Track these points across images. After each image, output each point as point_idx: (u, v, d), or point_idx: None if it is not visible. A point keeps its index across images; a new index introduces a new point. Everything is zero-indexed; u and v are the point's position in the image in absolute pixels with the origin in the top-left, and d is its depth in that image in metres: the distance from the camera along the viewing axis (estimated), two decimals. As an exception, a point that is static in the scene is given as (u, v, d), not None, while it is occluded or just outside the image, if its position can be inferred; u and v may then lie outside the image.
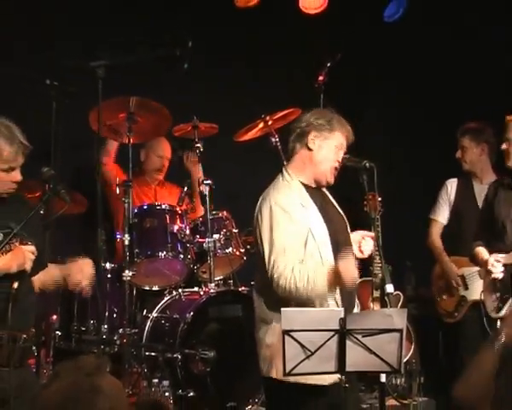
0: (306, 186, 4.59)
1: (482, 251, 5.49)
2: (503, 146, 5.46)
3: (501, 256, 5.38)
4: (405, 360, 4.15)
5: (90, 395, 2.56)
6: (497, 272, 5.36)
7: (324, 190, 4.71)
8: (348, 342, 4.06)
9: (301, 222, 4.44)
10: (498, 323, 5.49)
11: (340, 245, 4.47)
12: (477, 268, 6.08)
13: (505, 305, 5.49)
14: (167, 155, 6.99)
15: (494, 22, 7.31)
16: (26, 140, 4.32)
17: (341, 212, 4.75)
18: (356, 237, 4.67)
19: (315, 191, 4.62)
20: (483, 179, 6.36)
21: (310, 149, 4.57)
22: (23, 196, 4.63)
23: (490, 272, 5.41)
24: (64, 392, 2.59)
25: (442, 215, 6.47)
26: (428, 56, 7.80)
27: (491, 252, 5.44)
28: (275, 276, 4.37)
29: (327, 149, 4.57)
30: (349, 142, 4.61)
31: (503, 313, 5.49)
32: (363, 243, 4.63)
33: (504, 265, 5.37)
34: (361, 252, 4.64)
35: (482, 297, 5.74)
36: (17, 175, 4.27)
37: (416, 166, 7.36)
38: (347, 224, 4.72)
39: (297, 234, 4.42)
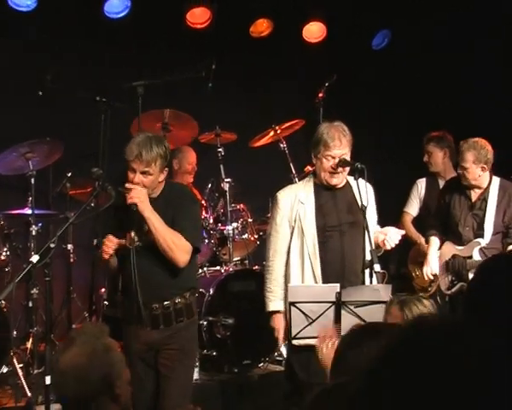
0: (320, 186, 4.62)
1: (433, 244, 5.60)
2: (459, 171, 5.45)
3: (455, 248, 5.45)
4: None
5: (105, 353, 2.61)
6: (428, 274, 5.59)
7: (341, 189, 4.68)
8: (343, 312, 4.08)
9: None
10: (447, 298, 5.58)
11: (325, 233, 4.53)
12: None
13: (455, 286, 5.48)
14: (195, 162, 6.96)
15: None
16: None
17: (355, 207, 4.64)
18: (387, 230, 4.67)
19: (325, 190, 4.64)
20: (446, 177, 6.33)
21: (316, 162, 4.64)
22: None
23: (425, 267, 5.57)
24: (85, 354, 2.59)
25: (413, 209, 6.48)
26: (405, 78, 7.77)
27: (445, 240, 5.55)
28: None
29: (320, 162, 4.59)
30: (338, 146, 4.58)
31: (453, 290, 5.50)
32: (391, 237, 4.62)
33: (455, 256, 5.44)
34: (383, 244, 4.63)
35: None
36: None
37: (395, 167, 7.36)
38: (353, 220, 4.64)
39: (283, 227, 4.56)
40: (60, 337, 6.07)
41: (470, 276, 5.25)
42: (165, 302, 4.33)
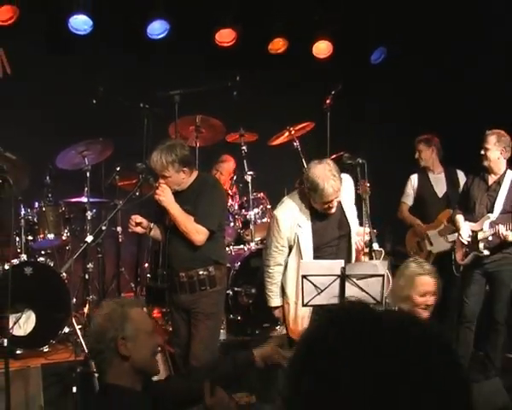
0: (315, 210, 4.45)
1: (460, 219, 5.48)
2: (482, 151, 5.37)
3: (470, 225, 5.37)
4: (386, 295, 4.08)
5: (119, 319, 2.62)
6: (465, 238, 5.37)
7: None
8: (347, 284, 4.05)
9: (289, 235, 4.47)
10: (461, 268, 5.52)
11: (320, 250, 4.48)
12: (437, 229, 6.16)
13: (468, 256, 5.43)
14: (230, 171, 6.89)
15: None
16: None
17: (343, 221, 4.58)
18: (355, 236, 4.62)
19: (320, 214, 4.47)
20: (435, 171, 6.38)
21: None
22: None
23: (461, 239, 5.41)
24: (104, 316, 2.65)
25: (408, 199, 6.46)
26: (399, 88, 7.71)
27: (465, 219, 5.46)
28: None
29: (317, 204, 4.41)
30: (334, 196, 4.32)
31: (466, 261, 5.44)
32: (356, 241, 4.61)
33: (472, 230, 5.37)
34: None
35: (454, 248, 5.68)
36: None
37: (394, 162, 7.28)
38: (342, 233, 4.56)
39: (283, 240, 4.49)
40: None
41: (481, 246, 5.26)
42: (190, 272, 4.48)
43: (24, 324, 5.14)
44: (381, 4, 7.50)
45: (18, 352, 5.11)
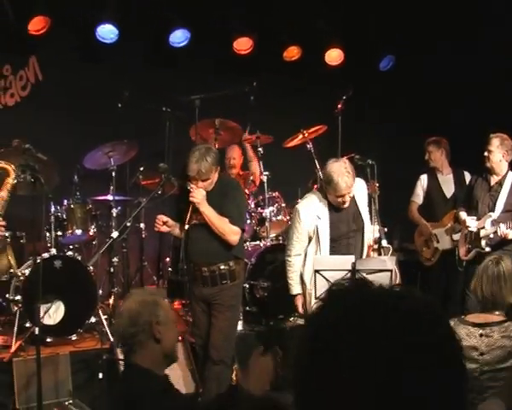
0: (332, 204, 4.54)
1: (463, 214, 5.52)
2: (485, 153, 5.36)
3: (473, 219, 5.40)
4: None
5: (154, 305, 2.65)
6: (472, 226, 5.36)
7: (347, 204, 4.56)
8: (357, 277, 4.02)
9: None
10: (464, 263, 5.53)
11: (336, 242, 4.53)
12: (444, 228, 6.13)
13: (471, 253, 5.43)
14: (233, 156, 6.79)
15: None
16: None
17: (357, 216, 4.63)
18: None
19: (336, 208, 4.55)
20: (443, 172, 6.34)
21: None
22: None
23: (467, 227, 5.40)
24: (138, 302, 2.66)
25: (418, 198, 6.42)
26: (409, 93, 7.67)
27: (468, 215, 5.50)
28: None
29: (332, 197, 4.50)
30: (347, 191, 4.40)
31: (469, 256, 5.44)
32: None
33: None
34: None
35: (457, 245, 5.69)
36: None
37: (401, 164, 7.24)
38: (356, 228, 4.61)
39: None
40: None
41: (483, 243, 5.26)
42: (212, 267, 4.48)
43: (54, 313, 5.16)
44: (383, 11, 7.47)
45: (48, 340, 5.13)
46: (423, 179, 6.40)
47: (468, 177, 6.12)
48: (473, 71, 6.87)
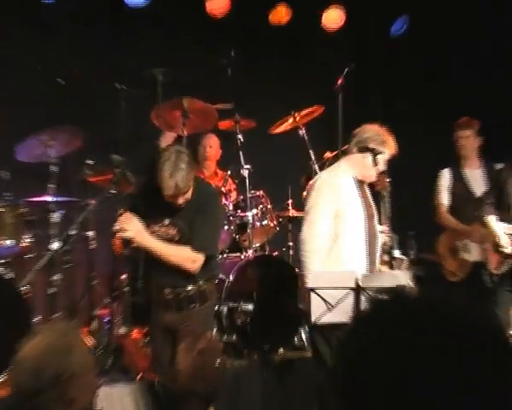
0: (355, 178, 4.70)
1: (492, 221, 5.61)
2: None
3: (504, 226, 5.48)
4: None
5: (65, 353, 2.50)
6: (506, 248, 5.48)
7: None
8: (362, 298, 4.03)
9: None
10: (495, 277, 5.61)
11: (368, 223, 4.62)
12: (476, 236, 6.09)
13: (504, 263, 5.51)
14: (209, 144, 6.91)
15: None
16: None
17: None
18: None
19: (360, 183, 4.70)
20: (472, 165, 6.28)
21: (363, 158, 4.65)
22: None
23: (495, 237, 5.49)
24: (43, 348, 2.51)
25: (444, 198, 6.37)
26: (426, 64, 7.71)
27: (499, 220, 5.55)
28: None
29: (374, 162, 4.65)
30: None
31: (501, 269, 5.52)
32: None
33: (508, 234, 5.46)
34: None
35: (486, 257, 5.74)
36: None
37: (415, 156, 7.23)
38: (375, 208, 4.79)
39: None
40: (81, 323, 6.04)
41: None
42: (177, 289, 4.51)
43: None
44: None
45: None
46: (445, 175, 6.36)
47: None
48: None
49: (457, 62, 7.52)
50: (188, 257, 4.42)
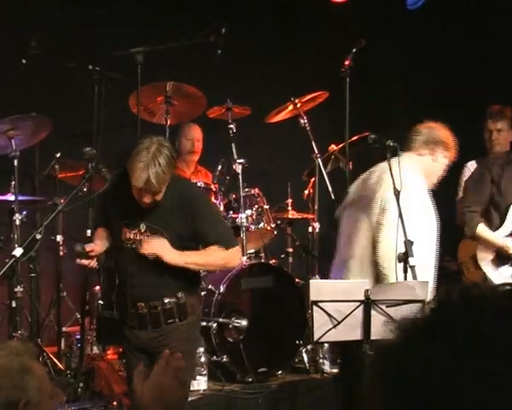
0: None
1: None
2: None
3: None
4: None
5: (20, 374, 2.46)
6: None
7: None
8: (373, 312, 4.06)
9: None
10: None
11: None
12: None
13: None
14: (197, 137, 6.95)
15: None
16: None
17: None
18: None
19: None
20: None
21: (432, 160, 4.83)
22: None
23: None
24: None
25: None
26: (447, 42, 7.73)
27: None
28: None
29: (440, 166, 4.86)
30: None
31: None
32: None
33: None
34: None
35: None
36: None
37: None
38: None
39: None
40: (47, 342, 6.07)
41: None
42: (152, 302, 4.49)
43: None
44: None
45: None
46: (471, 169, 6.36)
47: None
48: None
49: (484, 38, 7.55)
50: (225, 257, 4.54)
